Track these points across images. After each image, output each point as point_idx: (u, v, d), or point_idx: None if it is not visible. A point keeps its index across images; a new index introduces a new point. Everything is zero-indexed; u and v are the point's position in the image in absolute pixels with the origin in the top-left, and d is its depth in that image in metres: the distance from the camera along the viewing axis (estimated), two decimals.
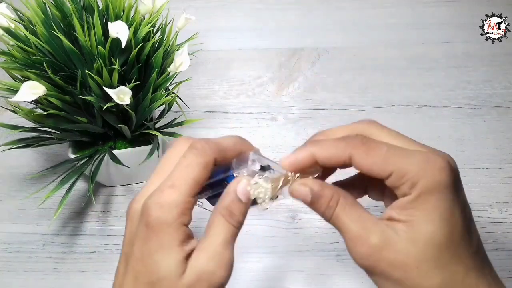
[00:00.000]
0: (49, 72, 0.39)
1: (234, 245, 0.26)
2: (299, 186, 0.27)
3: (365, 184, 0.31)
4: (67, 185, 0.43)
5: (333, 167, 0.30)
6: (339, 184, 0.32)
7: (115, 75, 0.40)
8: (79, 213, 0.50)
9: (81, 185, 0.52)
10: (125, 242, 0.27)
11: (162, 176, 0.27)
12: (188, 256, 0.25)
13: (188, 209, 0.26)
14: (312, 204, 0.27)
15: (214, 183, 0.28)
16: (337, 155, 0.27)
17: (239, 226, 0.27)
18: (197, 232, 0.27)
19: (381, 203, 0.31)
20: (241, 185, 0.26)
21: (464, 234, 0.26)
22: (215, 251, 0.25)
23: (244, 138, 0.29)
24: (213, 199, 0.29)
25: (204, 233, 0.27)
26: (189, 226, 0.26)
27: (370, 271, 0.26)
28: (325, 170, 0.29)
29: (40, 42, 0.40)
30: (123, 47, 0.40)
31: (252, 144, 0.29)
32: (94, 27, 0.40)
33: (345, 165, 0.27)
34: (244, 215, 0.27)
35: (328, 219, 0.27)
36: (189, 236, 0.26)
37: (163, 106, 0.47)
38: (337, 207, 0.27)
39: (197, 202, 0.28)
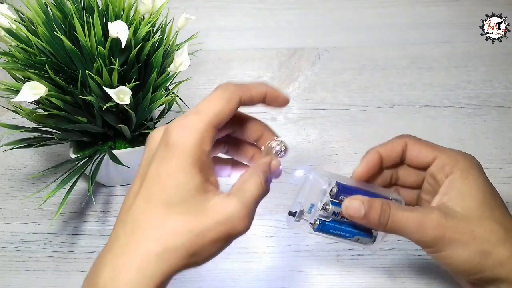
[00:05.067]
0: (50, 73, 0.39)
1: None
2: (350, 201, 0.30)
3: None
4: (68, 185, 0.43)
5: (380, 168, 0.34)
6: None
7: (115, 75, 0.40)
8: (79, 213, 0.50)
9: (81, 185, 0.52)
10: (141, 165, 0.27)
11: None
12: (209, 187, 0.26)
13: (210, 137, 0.27)
14: (366, 215, 0.30)
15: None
16: (396, 145, 0.33)
17: (267, 192, 0.29)
18: None
19: None
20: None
21: (500, 198, 0.31)
22: (248, 202, 0.26)
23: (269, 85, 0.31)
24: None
25: (237, 182, 0.28)
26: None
27: (439, 243, 0.29)
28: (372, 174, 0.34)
29: (41, 43, 0.40)
30: (123, 47, 0.40)
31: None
32: (94, 27, 0.40)
33: (400, 156, 0.34)
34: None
35: (385, 225, 0.30)
36: (210, 168, 0.27)
37: (163, 106, 0.47)
38: (391, 210, 0.30)
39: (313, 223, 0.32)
